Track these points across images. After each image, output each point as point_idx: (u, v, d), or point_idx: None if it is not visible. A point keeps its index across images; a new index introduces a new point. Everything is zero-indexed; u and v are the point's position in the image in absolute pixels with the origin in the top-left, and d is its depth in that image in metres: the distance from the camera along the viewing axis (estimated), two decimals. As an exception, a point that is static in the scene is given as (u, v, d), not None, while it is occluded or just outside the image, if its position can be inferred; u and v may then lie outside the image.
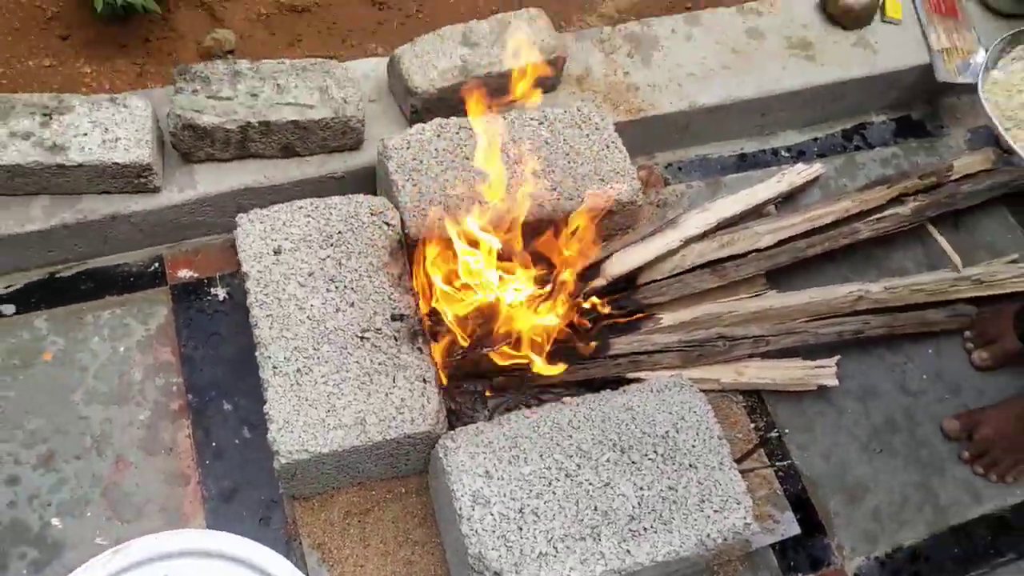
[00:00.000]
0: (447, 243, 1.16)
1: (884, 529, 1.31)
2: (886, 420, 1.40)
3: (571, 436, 1.07)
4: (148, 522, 1.15)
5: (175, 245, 1.37)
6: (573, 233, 1.22)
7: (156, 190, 1.27)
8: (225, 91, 1.26)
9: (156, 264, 1.35)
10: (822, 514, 1.30)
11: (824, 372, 1.39)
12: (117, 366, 1.26)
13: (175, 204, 1.29)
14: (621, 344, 1.29)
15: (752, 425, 1.34)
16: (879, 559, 1.29)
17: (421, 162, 1.26)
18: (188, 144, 1.27)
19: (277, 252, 1.15)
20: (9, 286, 1.30)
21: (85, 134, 1.20)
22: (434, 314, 1.17)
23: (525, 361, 1.18)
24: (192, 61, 1.52)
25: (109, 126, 1.21)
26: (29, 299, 1.29)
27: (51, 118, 1.20)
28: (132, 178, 1.23)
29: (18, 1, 1.52)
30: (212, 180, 1.31)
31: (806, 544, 1.27)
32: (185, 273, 1.35)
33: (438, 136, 1.29)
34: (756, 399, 1.36)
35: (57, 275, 1.32)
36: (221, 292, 1.34)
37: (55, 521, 1.13)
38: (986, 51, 1.64)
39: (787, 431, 1.36)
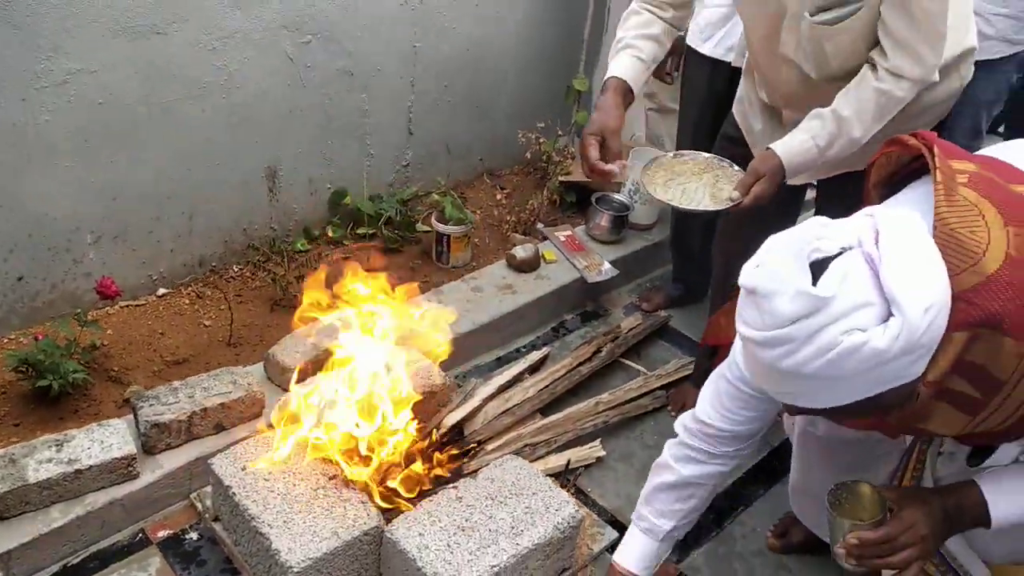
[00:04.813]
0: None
1: (664, 517, 2.07)
2: (643, 466, 2.22)
3: (460, 499, 1.76)
4: None
5: (149, 518, 1.91)
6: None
7: (137, 476, 1.86)
8: (171, 399, 1.94)
9: (140, 534, 1.88)
10: (626, 523, 2.02)
11: (594, 450, 2.22)
12: (136, 602, 1.74)
13: (150, 483, 1.87)
14: (468, 465, 2.03)
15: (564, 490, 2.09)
16: (671, 536, 2.04)
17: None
18: (154, 439, 1.90)
19: (244, 468, 1.78)
20: (35, 584, 1.75)
21: (89, 447, 1.80)
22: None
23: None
24: (113, 415, 2.15)
25: (103, 438, 1.82)
26: (53, 586, 1.75)
27: (62, 446, 1.79)
28: (123, 469, 1.82)
29: (-27, 415, 2.09)
30: (171, 460, 1.92)
31: (625, 542, 2.00)
32: (163, 533, 1.89)
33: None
34: (563, 477, 2.13)
35: (69, 564, 1.79)
36: (193, 535, 1.89)
37: None
38: (609, 263, 2.80)
39: (589, 489, 2.13)
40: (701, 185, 1.77)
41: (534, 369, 2.50)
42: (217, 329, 2.48)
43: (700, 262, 2.84)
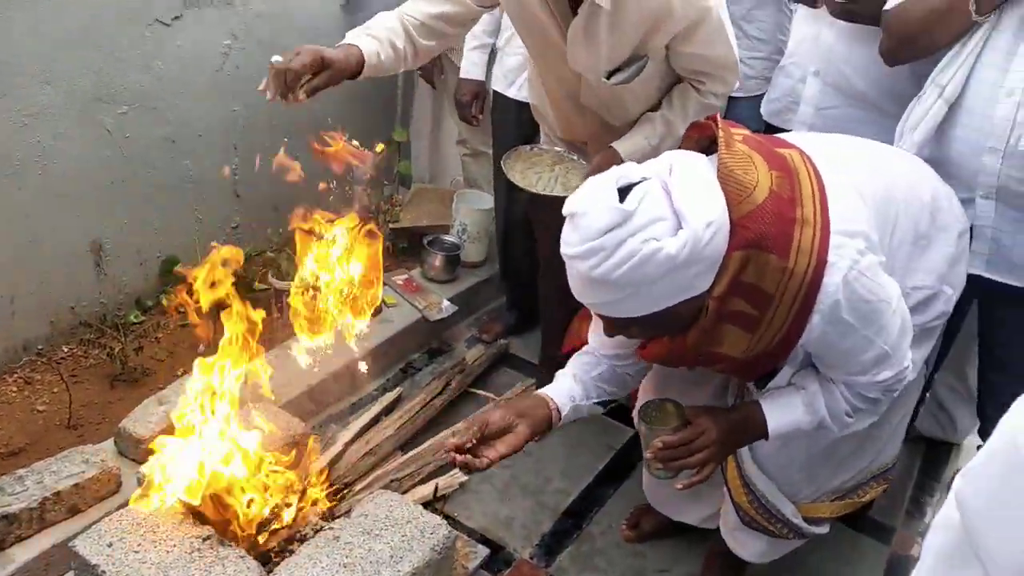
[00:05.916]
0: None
1: (530, 531, 2.23)
2: (503, 485, 2.37)
3: (338, 538, 1.82)
4: None
5: (6, 619, 1.81)
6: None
7: (-13, 575, 1.76)
8: (17, 488, 1.86)
9: (-1, 637, 1.78)
10: (496, 540, 2.18)
11: (456, 476, 2.34)
12: None
13: (3, 580, 1.79)
14: (340, 507, 2.08)
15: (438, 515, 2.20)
16: (538, 544, 2.20)
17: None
18: (2, 533, 1.81)
19: (110, 545, 1.75)
20: None
21: (-70, 551, 1.69)
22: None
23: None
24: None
25: (-55, 540, 1.72)
26: None
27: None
28: (-28, 569, 1.73)
29: None
30: (24, 552, 1.84)
31: (496, 557, 2.13)
32: (24, 630, 1.80)
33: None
34: (431, 506, 2.23)
35: None
36: (60, 626, 1.82)
37: None
38: (448, 300, 2.95)
39: (456, 513, 2.25)
40: (553, 176, 2.04)
41: (389, 410, 2.59)
42: (53, 413, 2.38)
43: (530, 290, 3.06)
